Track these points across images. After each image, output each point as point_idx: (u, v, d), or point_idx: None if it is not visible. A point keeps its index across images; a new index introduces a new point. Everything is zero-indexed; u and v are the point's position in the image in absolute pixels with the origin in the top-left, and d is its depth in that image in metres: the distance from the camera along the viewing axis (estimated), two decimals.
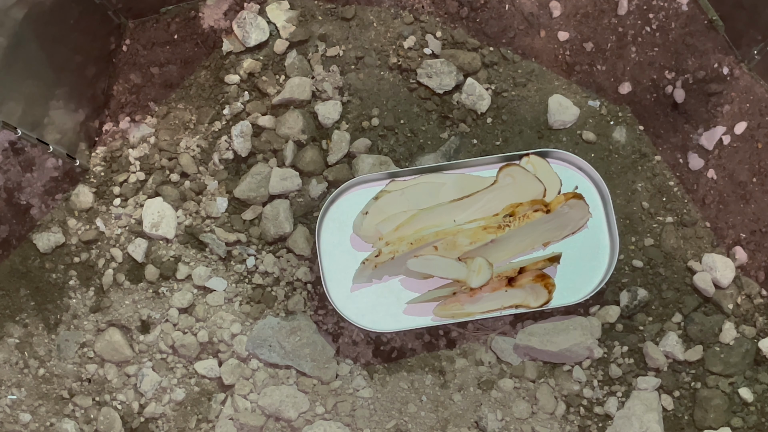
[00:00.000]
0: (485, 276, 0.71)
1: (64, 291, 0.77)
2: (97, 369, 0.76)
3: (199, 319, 0.75)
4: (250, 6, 0.80)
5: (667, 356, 0.73)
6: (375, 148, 0.77)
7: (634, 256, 0.75)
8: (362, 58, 0.79)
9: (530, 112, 0.78)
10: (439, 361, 0.74)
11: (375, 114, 0.77)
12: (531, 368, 0.73)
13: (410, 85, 0.78)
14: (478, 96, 0.77)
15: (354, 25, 0.79)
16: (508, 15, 0.79)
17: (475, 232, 0.71)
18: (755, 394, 0.73)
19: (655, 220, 0.76)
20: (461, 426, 0.73)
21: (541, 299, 0.71)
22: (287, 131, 0.77)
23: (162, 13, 0.81)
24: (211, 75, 0.79)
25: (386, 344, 0.74)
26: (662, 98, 0.78)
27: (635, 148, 0.77)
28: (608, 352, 0.74)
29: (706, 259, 0.74)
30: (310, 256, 0.75)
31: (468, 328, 0.74)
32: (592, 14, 0.79)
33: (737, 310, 0.74)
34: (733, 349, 0.73)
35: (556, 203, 0.72)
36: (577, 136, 0.77)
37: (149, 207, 0.76)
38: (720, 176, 0.76)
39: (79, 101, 0.76)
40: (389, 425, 0.73)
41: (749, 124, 0.76)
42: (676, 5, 0.78)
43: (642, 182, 0.76)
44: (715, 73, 0.77)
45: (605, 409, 0.72)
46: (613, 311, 0.74)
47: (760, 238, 0.75)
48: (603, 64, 0.78)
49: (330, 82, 0.78)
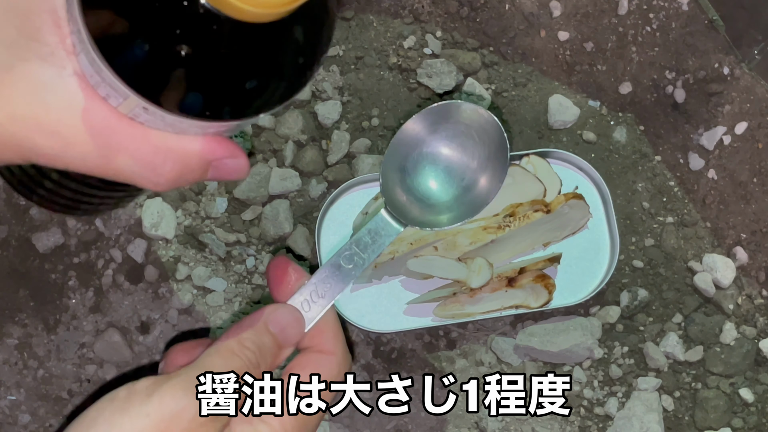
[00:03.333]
0: (485, 276, 0.70)
1: (63, 291, 0.76)
2: (97, 370, 0.76)
3: (199, 320, 0.75)
4: None
5: (667, 357, 0.73)
6: (375, 148, 0.77)
7: (634, 256, 0.75)
8: (362, 58, 0.78)
9: (530, 112, 0.77)
10: (439, 361, 0.74)
11: (375, 114, 0.77)
12: (531, 369, 0.73)
13: (410, 85, 0.78)
14: (478, 96, 0.77)
15: (354, 25, 0.79)
16: (508, 15, 0.79)
17: (475, 232, 0.71)
18: (756, 395, 0.72)
19: (655, 221, 0.76)
20: (461, 426, 0.73)
21: (542, 300, 0.71)
22: (287, 131, 0.77)
23: None
24: None
25: (386, 344, 0.74)
26: (663, 98, 0.78)
27: (635, 148, 0.77)
28: (608, 352, 0.73)
29: (707, 260, 0.74)
30: (309, 256, 0.75)
31: (468, 328, 0.74)
32: (592, 14, 0.79)
33: (738, 310, 0.74)
34: (734, 350, 0.73)
35: (556, 203, 0.71)
36: (578, 136, 0.77)
37: (149, 207, 0.76)
38: (720, 176, 0.76)
39: None
40: (389, 426, 0.73)
41: (750, 124, 0.76)
42: (677, 5, 0.78)
43: (642, 182, 0.76)
44: (716, 73, 0.77)
45: (605, 409, 0.72)
46: (614, 312, 0.73)
47: (761, 239, 0.75)
48: (603, 64, 0.78)
49: (330, 82, 0.78)
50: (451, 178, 0.60)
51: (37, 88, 0.30)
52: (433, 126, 0.59)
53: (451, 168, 0.60)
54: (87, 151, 0.32)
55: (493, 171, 0.58)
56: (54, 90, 0.30)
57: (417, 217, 0.58)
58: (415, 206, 0.59)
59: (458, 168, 0.59)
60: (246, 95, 0.33)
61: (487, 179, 0.59)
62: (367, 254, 0.52)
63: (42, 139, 0.31)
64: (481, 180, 0.59)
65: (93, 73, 0.30)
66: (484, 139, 0.58)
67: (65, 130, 0.31)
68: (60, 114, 0.31)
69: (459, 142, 0.59)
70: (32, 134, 0.31)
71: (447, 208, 0.59)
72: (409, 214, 0.58)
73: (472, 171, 0.59)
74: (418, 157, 0.60)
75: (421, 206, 0.59)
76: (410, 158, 0.60)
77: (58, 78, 0.30)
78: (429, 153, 0.59)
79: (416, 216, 0.58)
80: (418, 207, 0.59)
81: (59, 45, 0.30)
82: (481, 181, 0.59)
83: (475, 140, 0.59)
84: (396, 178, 0.60)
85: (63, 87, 0.31)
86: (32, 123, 0.31)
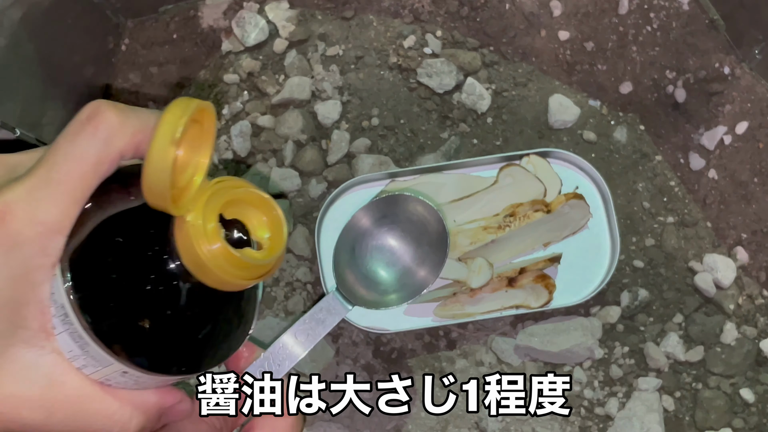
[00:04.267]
0: (485, 276, 0.70)
1: None
2: None
3: None
4: (249, 5, 0.80)
5: (668, 357, 0.73)
6: (375, 148, 0.77)
7: (635, 256, 0.75)
8: (362, 58, 0.78)
9: (531, 111, 0.77)
10: (440, 361, 0.73)
11: (375, 114, 0.77)
12: (531, 369, 0.73)
13: (410, 84, 0.78)
14: (479, 96, 0.77)
15: (354, 24, 0.79)
16: (509, 14, 0.79)
17: (475, 232, 0.71)
18: (756, 395, 0.72)
19: (656, 221, 0.76)
20: (461, 427, 0.72)
21: (542, 300, 0.71)
22: (287, 131, 0.77)
23: (161, 13, 0.80)
24: (210, 75, 0.79)
25: (386, 345, 0.74)
26: (663, 98, 0.77)
27: (636, 148, 0.77)
28: (609, 352, 0.73)
29: (707, 260, 0.74)
30: (309, 257, 0.75)
31: (468, 328, 0.74)
32: (592, 14, 0.79)
33: (738, 310, 0.74)
34: (735, 350, 0.73)
35: (556, 203, 0.71)
36: (578, 136, 0.77)
37: None
38: (721, 176, 0.76)
39: (77, 101, 0.76)
40: (389, 426, 0.73)
41: (750, 124, 0.76)
42: (677, 5, 0.78)
43: (643, 182, 0.76)
44: (716, 73, 0.77)
45: (606, 409, 0.72)
46: (614, 312, 0.73)
47: (762, 239, 0.75)
48: (604, 63, 0.78)
49: (330, 82, 0.78)
50: (394, 262, 0.66)
51: (22, 369, 0.35)
52: (380, 215, 0.66)
53: (394, 253, 0.67)
54: (66, 417, 0.37)
55: (434, 257, 0.65)
56: (36, 368, 0.35)
57: (364, 296, 0.65)
58: (361, 286, 0.65)
59: (401, 254, 0.67)
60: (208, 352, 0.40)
61: (428, 265, 0.66)
62: (319, 330, 0.58)
63: (27, 413, 0.36)
64: (423, 265, 0.66)
65: (74, 348, 0.36)
66: (425, 228, 0.66)
67: (47, 403, 0.36)
68: (42, 389, 0.36)
69: (402, 229, 0.66)
70: (19, 410, 0.35)
71: (393, 290, 0.66)
72: (357, 293, 0.64)
73: (413, 257, 0.66)
74: (365, 243, 0.67)
75: (368, 286, 0.66)
76: (358, 244, 0.66)
77: (39, 357, 0.36)
78: (375, 240, 0.67)
79: (364, 295, 0.65)
80: (364, 287, 0.66)
81: (41, 329, 0.35)
82: (423, 265, 0.66)
83: (418, 229, 0.66)
84: (345, 261, 0.66)
85: (43, 364, 0.36)
86: (19, 400, 0.35)
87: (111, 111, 0.35)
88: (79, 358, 0.37)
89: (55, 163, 0.34)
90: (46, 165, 0.34)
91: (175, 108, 0.34)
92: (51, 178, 0.34)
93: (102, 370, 0.37)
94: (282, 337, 0.55)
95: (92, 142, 0.35)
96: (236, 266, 0.36)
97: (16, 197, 0.34)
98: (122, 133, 0.36)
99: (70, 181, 0.35)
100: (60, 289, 0.35)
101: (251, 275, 0.37)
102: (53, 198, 0.34)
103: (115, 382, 0.38)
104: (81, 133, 0.35)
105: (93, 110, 0.35)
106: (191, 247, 0.35)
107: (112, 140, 0.35)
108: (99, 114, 0.35)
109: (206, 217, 0.36)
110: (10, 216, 0.33)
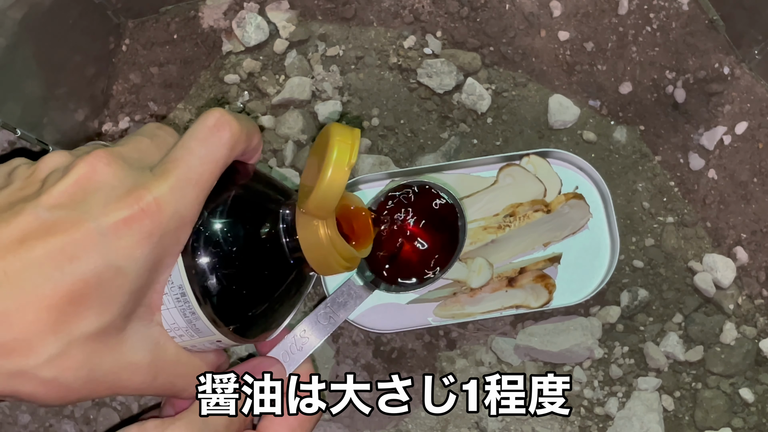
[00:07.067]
0: (485, 276, 0.70)
1: None
2: None
3: None
4: (249, 6, 0.80)
5: (667, 357, 0.73)
6: (375, 148, 0.77)
7: (634, 256, 0.75)
8: (362, 58, 0.78)
9: (530, 112, 0.77)
10: (440, 361, 0.74)
11: (375, 114, 0.77)
12: (531, 368, 0.73)
13: (410, 85, 0.78)
14: (479, 96, 0.77)
15: (354, 24, 0.79)
16: (509, 15, 0.79)
17: (475, 232, 0.71)
18: (756, 395, 0.72)
19: (655, 221, 0.76)
20: (461, 426, 0.73)
21: (542, 299, 0.71)
22: (287, 131, 0.77)
23: (161, 13, 0.80)
24: (210, 75, 0.79)
25: (386, 344, 0.74)
26: (663, 98, 0.78)
27: (636, 148, 0.77)
28: (609, 352, 0.73)
29: (707, 260, 0.74)
30: None
31: (468, 328, 0.74)
32: (592, 14, 0.79)
33: (738, 310, 0.74)
34: (734, 350, 0.73)
35: (556, 203, 0.71)
36: (578, 136, 0.77)
37: None
38: (721, 176, 0.76)
39: (78, 101, 0.76)
40: (389, 426, 0.73)
41: (750, 124, 0.76)
42: (677, 5, 0.78)
43: (642, 182, 0.76)
44: (716, 73, 0.77)
45: (606, 409, 0.72)
46: (614, 311, 0.73)
47: (761, 239, 0.75)
48: (603, 63, 0.78)
49: (330, 82, 0.78)
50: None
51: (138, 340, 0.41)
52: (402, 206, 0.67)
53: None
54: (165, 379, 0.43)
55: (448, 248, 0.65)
56: (148, 339, 0.42)
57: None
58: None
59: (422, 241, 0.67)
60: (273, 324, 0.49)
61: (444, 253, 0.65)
62: (341, 313, 0.59)
63: (140, 377, 0.42)
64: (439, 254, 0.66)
65: (178, 321, 0.43)
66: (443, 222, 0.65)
67: (154, 368, 0.42)
68: (152, 356, 0.42)
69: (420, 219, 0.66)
70: (133, 376, 0.41)
71: None
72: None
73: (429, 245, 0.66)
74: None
75: None
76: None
77: (149, 329, 0.42)
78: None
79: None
80: None
81: (154, 306, 0.42)
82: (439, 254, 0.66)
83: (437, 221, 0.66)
84: None
85: (151, 335, 0.42)
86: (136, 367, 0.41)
87: (234, 120, 0.42)
88: (179, 329, 0.43)
89: (193, 166, 0.40)
90: (184, 166, 0.40)
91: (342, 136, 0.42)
92: (189, 178, 0.40)
93: (196, 339, 0.44)
94: (303, 322, 0.56)
95: (221, 148, 0.42)
96: (346, 256, 0.45)
97: (163, 194, 0.39)
98: (241, 140, 0.43)
99: (203, 182, 0.41)
100: (179, 272, 0.42)
101: (348, 265, 0.46)
102: (191, 195, 0.40)
103: (199, 347, 0.45)
104: (211, 139, 0.41)
105: (219, 118, 0.42)
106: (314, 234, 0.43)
107: (236, 146, 0.42)
108: (225, 123, 0.42)
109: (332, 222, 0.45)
110: (160, 212, 0.39)
